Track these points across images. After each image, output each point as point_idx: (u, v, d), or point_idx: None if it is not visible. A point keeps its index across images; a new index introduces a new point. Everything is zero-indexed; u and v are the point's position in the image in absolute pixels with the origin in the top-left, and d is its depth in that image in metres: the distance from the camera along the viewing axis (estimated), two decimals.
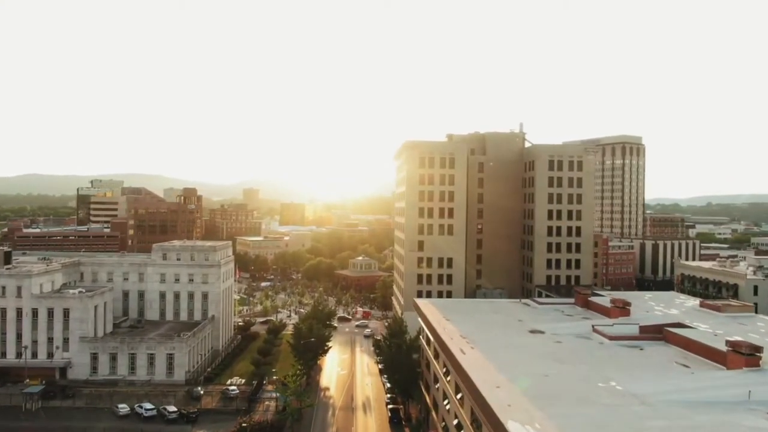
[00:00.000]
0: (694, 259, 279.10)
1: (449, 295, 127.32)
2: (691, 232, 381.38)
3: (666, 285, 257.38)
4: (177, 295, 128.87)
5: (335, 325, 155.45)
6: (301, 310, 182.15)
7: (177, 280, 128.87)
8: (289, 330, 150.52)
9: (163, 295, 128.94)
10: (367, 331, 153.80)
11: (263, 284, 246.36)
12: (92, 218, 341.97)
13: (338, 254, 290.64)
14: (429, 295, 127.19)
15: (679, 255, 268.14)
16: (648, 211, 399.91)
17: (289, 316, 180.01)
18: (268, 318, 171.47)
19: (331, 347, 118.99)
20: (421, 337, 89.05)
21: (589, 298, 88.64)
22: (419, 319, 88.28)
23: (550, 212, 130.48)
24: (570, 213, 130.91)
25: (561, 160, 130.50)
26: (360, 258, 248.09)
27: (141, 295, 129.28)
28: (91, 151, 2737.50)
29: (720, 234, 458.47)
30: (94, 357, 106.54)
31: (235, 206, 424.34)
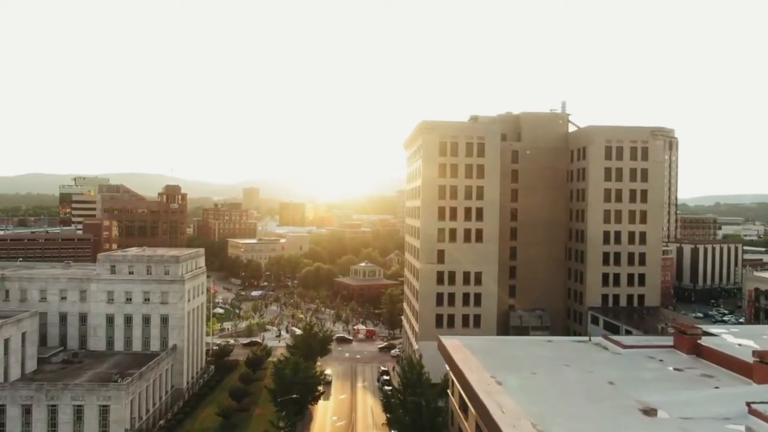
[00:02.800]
0: (736, 265, 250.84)
1: (477, 320, 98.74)
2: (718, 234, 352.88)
3: (706, 295, 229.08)
4: (128, 319, 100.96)
5: (333, 343, 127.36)
6: (294, 329, 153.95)
7: (129, 300, 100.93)
8: (278, 356, 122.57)
9: (110, 319, 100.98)
10: (385, 379, 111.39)
11: (254, 293, 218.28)
12: (74, 219, 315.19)
13: (339, 258, 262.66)
14: (451, 320, 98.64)
15: (721, 261, 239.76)
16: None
17: (279, 336, 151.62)
18: (253, 339, 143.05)
19: (323, 393, 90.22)
20: (450, 393, 60.49)
21: (701, 342, 59.71)
22: (449, 371, 59.53)
23: (606, 213, 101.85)
24: (633, 214, 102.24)
25: (621, 146, 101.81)
26: (363, 264, 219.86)
27: (83, 318, 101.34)
28: (93, 150, 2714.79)
29: (746, 236, 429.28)
30: (1, 411, 78.13)
31: (229, 206, 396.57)
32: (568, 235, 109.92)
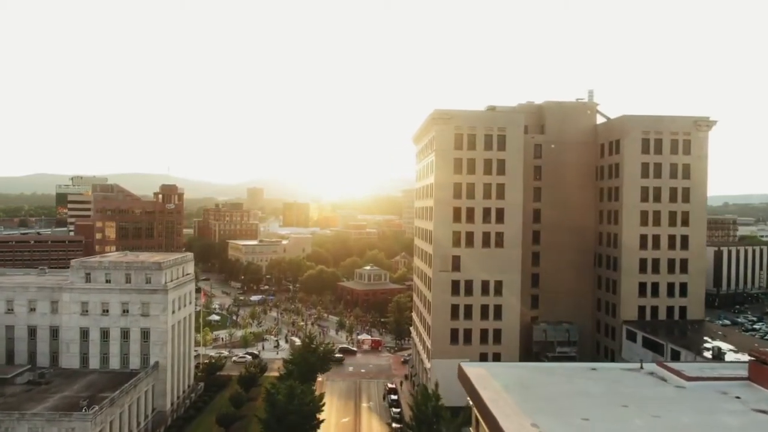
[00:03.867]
0: (761, 269, 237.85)
1: (497, 335, 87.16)
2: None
3: (730, 300, 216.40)
4: (105, 334, 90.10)
5: (336, 357, 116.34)
6: (294, 338, 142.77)
7: (105, 312, 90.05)
8: (275, 369, 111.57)
9: (85, 334, 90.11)
10: (393, 399, 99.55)
11: (254, 298, 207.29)
12: (70, 220, 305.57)
13: (343, 261, 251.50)
14: (468, 336, 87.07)
15: (745, 264, 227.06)
16: None
17: (277, 346, 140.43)
18: (249, 351, 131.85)
19: (323, 421, 78.73)
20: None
21: None
22: (472, 406, 48.13)
23: (643, 215, 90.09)
24: (673, 216, 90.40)
25: (660, 138, 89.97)
26: (368, 267, 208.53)
27: (54, 332, 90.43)
28: (99, 151, 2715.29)
29: (762, 236, 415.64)
30: None
31: (230, 206, 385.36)
32: (598, 239, 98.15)
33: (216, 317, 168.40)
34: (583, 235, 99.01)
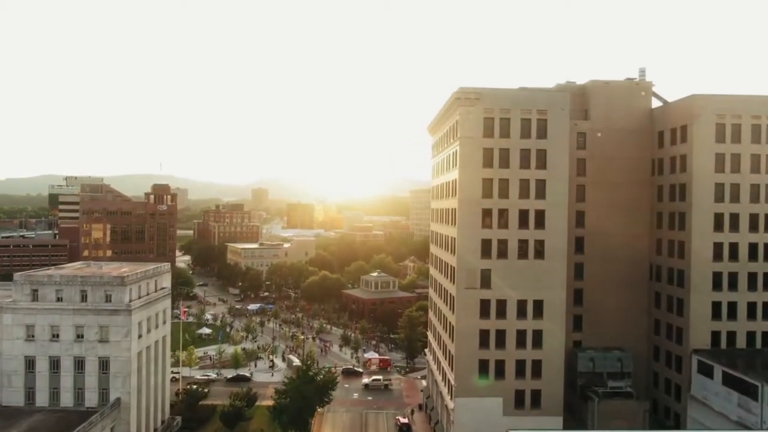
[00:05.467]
0: None
1: (537, 367, 70.23)
2: None
3: None
4: (55, 364, 74.19)
5: (339, 380, 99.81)
6: (292, 357, 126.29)
7: (55, 337, 74.07)
8: (268, 397, 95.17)
9: (30, 364, 74.26)
10: None
11: (251, 306, 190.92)
12: (61, 222, 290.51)
13: (348, 266, 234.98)
14: (500, 368, 70.10)
15: None
16: None
17: (272, 367, 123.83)
18: (240, 373, 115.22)
19: None
20: None
21: None
22: None
23: (718, 218, 72.69)
24: (754, 219, 72.92)
25: (738, 123, 72.57)
26: (375, 274, 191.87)
27: None
28: (107, 151, 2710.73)
29: None
30: None
31: (231, 207, 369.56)
32: (656, 247, 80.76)
33: (207, 330, 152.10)
34: (637, 243, 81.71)
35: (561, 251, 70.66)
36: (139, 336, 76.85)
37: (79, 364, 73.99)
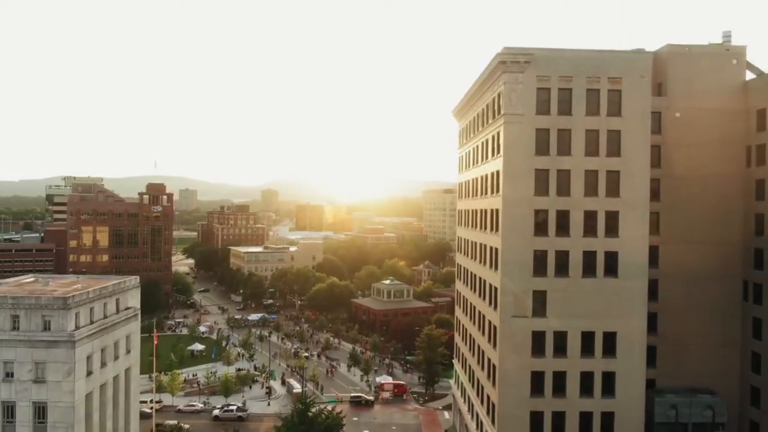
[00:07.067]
0: None
1: (608, 423, 52.16)
2: None
3: None
4: None
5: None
6: (292, 381, 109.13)
7: None
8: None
9: None
10: None
11: (252, 317, 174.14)
12: (55, 224, 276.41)
13: (358, 271, 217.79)
14: (560, 423, 52.25)
15: None
16: None
17: (269, 393, 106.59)
18: (229, 406, 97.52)
19: None
20: None
21: None
22: None
23: None
24: None
25: None
26: (387, 282, 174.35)
27: None
28: (117, 152, 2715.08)
29: None
30: None
31: (236, 208, 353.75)
32: (753, 260, 62.53)
33: (200, 346, 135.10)
34: (726, 255, 63.49)
35: (641, 267, 52.88)
36: (89, 373, 59.86)
37: (8, 411, 57.18)
